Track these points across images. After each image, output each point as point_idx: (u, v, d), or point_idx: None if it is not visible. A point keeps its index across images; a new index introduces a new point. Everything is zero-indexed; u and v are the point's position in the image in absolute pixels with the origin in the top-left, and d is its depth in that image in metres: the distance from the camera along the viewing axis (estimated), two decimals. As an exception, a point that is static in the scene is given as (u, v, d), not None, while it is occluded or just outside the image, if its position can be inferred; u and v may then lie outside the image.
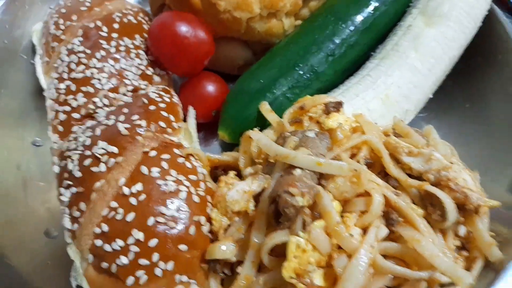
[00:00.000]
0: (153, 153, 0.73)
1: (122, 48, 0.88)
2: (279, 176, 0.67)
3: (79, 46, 0.87)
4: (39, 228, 0.86)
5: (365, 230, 0.65)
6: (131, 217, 0.67)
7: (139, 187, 0.69)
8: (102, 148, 0.73)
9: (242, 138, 0.80)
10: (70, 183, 0.72)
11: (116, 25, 0.91)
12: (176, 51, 0.89)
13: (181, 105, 0.89)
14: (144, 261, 0.65)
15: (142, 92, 0.86)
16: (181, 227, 0.68)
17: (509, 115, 0.91)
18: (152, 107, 0.81)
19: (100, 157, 0.72)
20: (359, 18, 0.94)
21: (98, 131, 0.76)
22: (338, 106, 0.78)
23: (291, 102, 0.86)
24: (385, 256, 0.66)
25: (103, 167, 0.71)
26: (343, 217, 0.66)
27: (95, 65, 0.85)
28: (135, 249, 0.66)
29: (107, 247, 0.66)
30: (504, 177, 0.83)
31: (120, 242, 0.66)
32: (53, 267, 0.81)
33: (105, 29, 0.89)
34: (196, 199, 0.72)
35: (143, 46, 0.92)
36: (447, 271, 0.62)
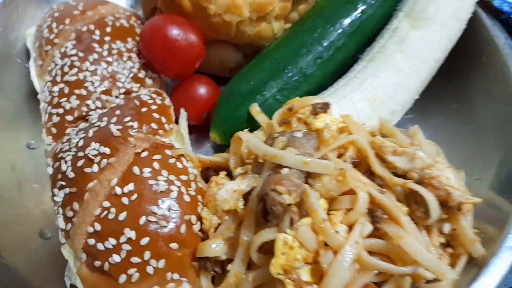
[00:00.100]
0: (145, 154, 0.75)
1: (114, 51, 0.90)
2: (267, 175, 0.69)
3: (72, 49, 0.88)
4: (34, 229, 0.88)
5: (351, 227, 0.66)
6: (123, 216, 0.69)
7: (131, 187, 0.71)
8: (94, 149, 0.74)
9: (232, 139, 0.81)
10: (63, 183, 0.74)
11: (108, 29, 0.92)
12: (167, 54, 0.91)
13: (172, 107, 0.90)
14: (136, 259, 0.67)
15: (134, 94, 0.88)
16: (172, 226, 0.70)
17: (493, 115, 0.92)
18: (144, 109, 0.82)
19: (92, 158, 0.74)
20: (347, 21, 0.96)
21: (90, 133, 0.77)
22: (325, 107, 0.80)
23: (280, 103, 0.88)
24: (371, 252, 0.67)
25: (95, 168, 0.73)
26: (329, 214, 0.68)
27: (87, 68, 0.86)
28: (127, 247, 0.67)
29: (100, 246, 0.68)
30: (487, 176, 0.85)
31: (112, 240, 0.67)
32: (48, 267, 0.82)
33: (97, 32, 0.91)
34: (187, 198, 0.73)
35: (135, 49, 0.94)
36: (430, 266, 0.64)
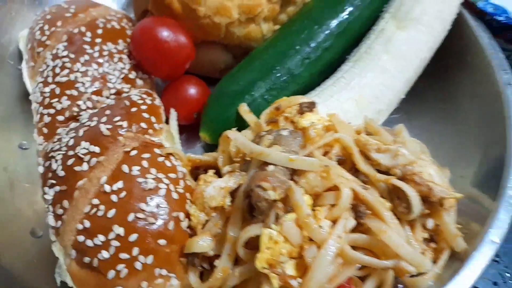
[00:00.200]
0: (134, 153, 0.76)
1: (105, 52, 0.91)
2: (254, 172, 0.71)
3: (63, 51, 0.90)
4: (26, 228, 0.89)
5: (335, 222, 0.68)
6: (112, 213, 0.70)
7: (120, 184, 0.72)
8: (84, 148, 0.75)
9: (220, 138, 0.83)
10: (53, 182, 0.75)
11: (99, 31, 0.93)
12: (157, 55, 0.93)
13: (163, 107, 0.91)
14: (124, 255, 0.68)
15: (125, 95, 0.89)
16: (160, 222, 0.71)
17: (478, 114, 0.94)
18: (133, 109, 0.83)
19: (82, 156, 0.75)
20: (334, 22, 0.98)
21: (81, 132, 0.78)
22: (311, 106, 0.82)
23: (268, 103, 0.89)
24: (355, 247, 0.68)
25: (85, 166, 0.74)
26: (314, 210, 0.69)
27: (79, 69, 0.87)
28: (115, 243, 0.68)
29: (89, 242, 0.69)
30: (470, 173, 0.86)
31: (101, 237, 0.68)
32: (39, 265, 0.83)
33: (88, 34, 0.92)
34: (175, 196, 0.74)
35: (126, 50, 0.95)
36: (410, 260, 0.66)
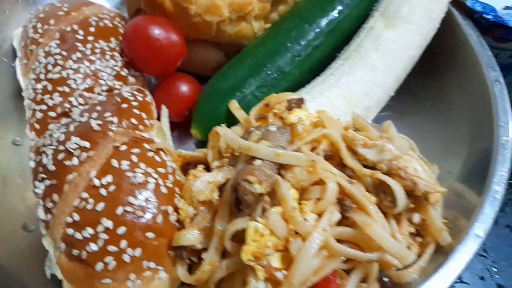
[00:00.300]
0: (124, 148, 0.77)
1: (97, 50, 0.92)
2: (241, 167, 0.72)
3: (55, 48, 0.91)
4: (18, 223, 0.89)
5: (321, 215, 0.69)
6: (101, 206, 0.70)
7: (109, 178, 0.73)
8: (75, 143, 0.76)
9: (210, 134, 0.84)
10: (44, 176, 0.76)
11: (92, 29, 0.94)
12: (149, 53, 0.94)
13: (154, 104, 0.92)
14: (112, 248, 0.69)
15: (116, 92, 0.90)
16: (148, 216, 0.72)
17: (466, 111, 0.95)
18: (124, 105, 0.84)
19: (73, 151, 0.76)
20: (324, 21, 0.99)
21: (71, 128, 0.79)
22: (299, 102, 0.83)
23: (259, 100, 0.90)
24: (341, 241, 0.69)
25: (75, 161, 0.75)
26: (300, 204, 0.70)
27: (71, 66, 0.88)
28: (104, 236, 0.69)
29: (78, 235, 0.70)
30: (457, 169, 0.87)
31: (90, 230, 0.69)
32: (30, 258, 0.84)
33: (81, 32, 0.93)
34: (164, 190, 0.75)
35: (118, 48, 0.96)
36: (394, 252, 0.66)
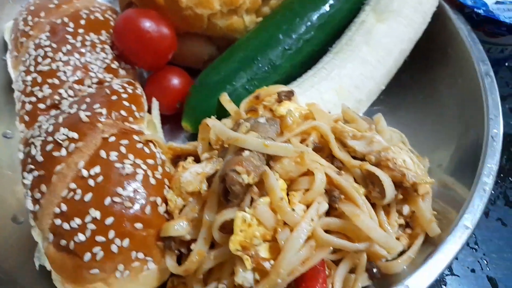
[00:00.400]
0: (112, 139, 0.77)
1: (88, 42, 0.92)
2: (229, 157, 0.72)
3: (46, 40, 0.90)
4: (8, 215, 0.89)
5: (309, 206, 0.69)
6: (88, 197, 0.70)
7: (97, 169, 0.73)
8: (63, 134, 0.76)
9: (200, 126, 0.84)
10: (32, 167, 0.75)
11: (82, 21, 0.94)
12: (139, 46, 0.94)
13: (145, 97, 0.92)
14: (100, 238, 0.69)
15: (107, 84, 0.90)
16: (137, 206, 0.72)
17: (457, 105, 0.96)
18: (114, 97, 0.84)
19: (61, 142, 0.75)
20: (315, 15, 0.99)
21: (60, 119, 0.79)
22: (289, 94, 0.83)
23: (250, 93, 0.90)
24: (329, 231, 0.70)
25: (63, 152, 0.75)
26: (289, 195, 0.71)
27: (60, 58, 0.88)
28: (92, 226, 0.69)
29: (66, 226, 0.69)
30: (447, 161, 0.88)
31: (78, 220, 0.69)
32: (19, 250, 0.84)
33: (71, 25, 0.93)
34: (152, 181, 0.75)
35: (109, 41, 0.95)
36: (382, 242, 0.67)
